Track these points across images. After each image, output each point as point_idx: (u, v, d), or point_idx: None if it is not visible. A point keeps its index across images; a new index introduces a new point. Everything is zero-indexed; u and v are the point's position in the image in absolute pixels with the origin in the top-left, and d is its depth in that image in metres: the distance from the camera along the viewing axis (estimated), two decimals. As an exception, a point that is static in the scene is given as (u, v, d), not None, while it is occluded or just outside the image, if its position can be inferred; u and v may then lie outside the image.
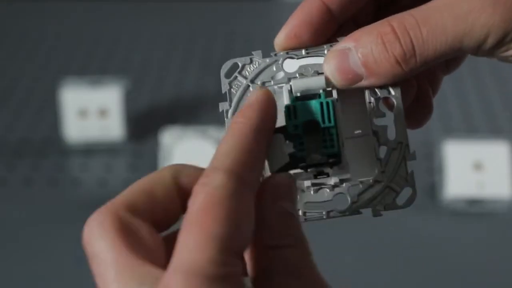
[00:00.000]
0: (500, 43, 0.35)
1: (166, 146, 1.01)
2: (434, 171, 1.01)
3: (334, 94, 0.37)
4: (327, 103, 0.36)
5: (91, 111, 1.09)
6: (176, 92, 1.23)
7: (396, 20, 0.36)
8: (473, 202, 0.98)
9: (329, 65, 0.37)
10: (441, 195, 0.98)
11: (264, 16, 1.47)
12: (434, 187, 1.00)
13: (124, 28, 1.41)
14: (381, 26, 0.36)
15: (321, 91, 0.37)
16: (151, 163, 1.04)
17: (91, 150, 1.10)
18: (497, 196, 0.97)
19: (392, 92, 0.38)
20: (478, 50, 0.35)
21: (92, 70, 1.29)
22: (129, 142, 1.10)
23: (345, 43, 0.37)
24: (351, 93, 0.38)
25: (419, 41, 0.35)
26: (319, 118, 0.36)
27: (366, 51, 0.36)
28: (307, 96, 0.37)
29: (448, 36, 0.35)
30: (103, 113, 1.09)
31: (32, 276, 0.92)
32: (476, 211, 0.98)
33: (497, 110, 1.17)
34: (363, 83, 0.37)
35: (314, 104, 0.36)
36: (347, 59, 0.36)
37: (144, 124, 1.14)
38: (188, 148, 1.00)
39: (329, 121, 0.36)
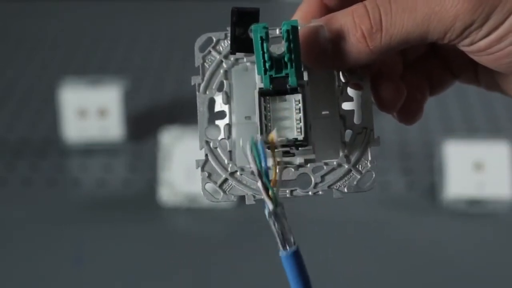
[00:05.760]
0: (467, 29, 0.35)
1: (166, 146, 1.01)
2: (434, 171, 1.01)
3: (305, 76, 0.37)
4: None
5: (91, 111, 1.09)
6: (176, 92, 1.23)
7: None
8: (473, 203, 0.98)
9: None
10: (441, 196, 0.98)
11: (264, 16, 1.47)
12: (434, 187, 1.00)
13: (124, 28, 1.41)
14: (355, 5, 0.37)
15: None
16: (151, 163, 1.04)
17: (90, 150, 1.09)
18: (497, 197, 0.97)
19: (362, 78, 0.39)
20: (445, 35, 0.35)
21: (92, 70, 1.28)
22: (129, 142, 1.10)
23: (318, 21, 0.37)
24: (322, 73, 0.38)
25: (387, 15, 0.35)
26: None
27: (335, 27, 0.36)
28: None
29: (418, 13, 0.35)
30: (102, 113, 1.09)
31: (32, 276, 0.92)
32: (476, 212, 0.98)
33: (498, 110, 1.16)
34: (330, 61, 0.37)
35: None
36: (316, 35, 0.37)
37: (144, 124, 1.14)
38: (188, 148, 1.00)
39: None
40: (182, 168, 0.99)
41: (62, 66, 1.31)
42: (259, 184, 0.34)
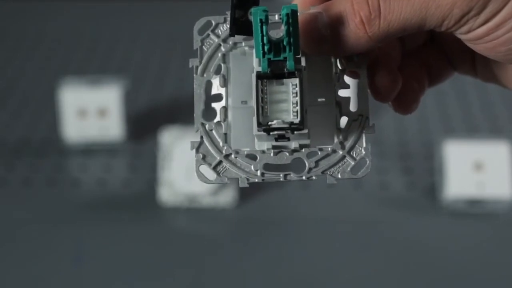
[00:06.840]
0: (464, 16, 0.35)
1: (166, 146, 1.01)
2: (434, 171, 1.01)
3: (303, 61, 0.37)
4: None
5: (91, 111, 1.09)
6: (176, 92, 1.23)
7: None
8: (473, 203, 0.98)
9: None
10: (441, 196, 0.98)
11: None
12: (434, 187, 1.00)
13: (124, 28, 1.41)
14: None
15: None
16: (151, 163, 1.04)
17: (90, 150, 1.09)
18: (497, 197, 0.97)
19: (359, 66, 0.39)
20: (443, 22, 0.35)
21: (92, 70, 1.28)
22: (129, 142, 1.10)
23: (316, 8, 0.37)
24: (319, 60, 0.39)
25: (386, 2, 0.36)
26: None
27: (334, 13, 0.36)
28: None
29: (416, 0, 0.35)
30: (102, 113, 1.09)
31: (31, 276, 0.92)
32: (477, 212, 0.98)
33: (498, 110, 1.16)
34: (328, 47, 0.37)
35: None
36: (315, 21, 0.37)
37: (144, 124, 1.14)
38: (188, 148, 1.00)
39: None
40: (182, 168, 0.99)
41: (62, 66, 1.31)
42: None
